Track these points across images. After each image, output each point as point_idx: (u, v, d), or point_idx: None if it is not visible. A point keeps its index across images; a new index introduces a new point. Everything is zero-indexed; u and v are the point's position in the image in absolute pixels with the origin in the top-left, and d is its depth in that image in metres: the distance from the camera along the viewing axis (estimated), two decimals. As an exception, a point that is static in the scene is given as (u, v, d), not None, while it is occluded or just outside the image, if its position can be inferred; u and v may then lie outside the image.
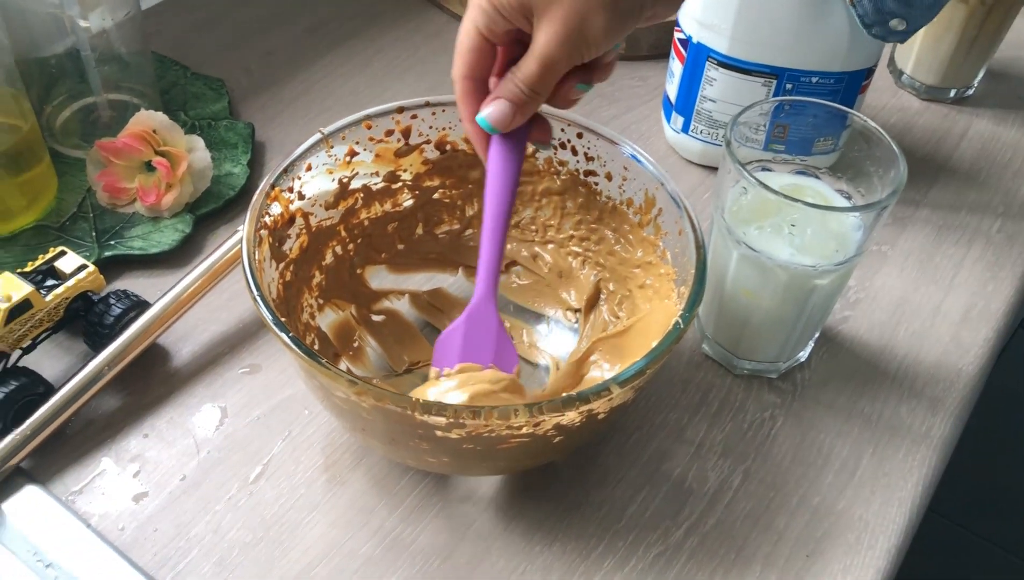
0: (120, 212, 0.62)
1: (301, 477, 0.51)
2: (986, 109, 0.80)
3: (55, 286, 0.52)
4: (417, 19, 0.84)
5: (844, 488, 0.52)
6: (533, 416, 0.40)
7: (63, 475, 0.50)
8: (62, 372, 0.54)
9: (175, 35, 0.79)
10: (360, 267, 0.57)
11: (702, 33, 0.64)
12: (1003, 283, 0.65)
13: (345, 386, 0.41)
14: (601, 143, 0.53)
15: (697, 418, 0.55)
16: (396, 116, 0.54)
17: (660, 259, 0.52)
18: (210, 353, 0.56)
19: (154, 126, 0.62)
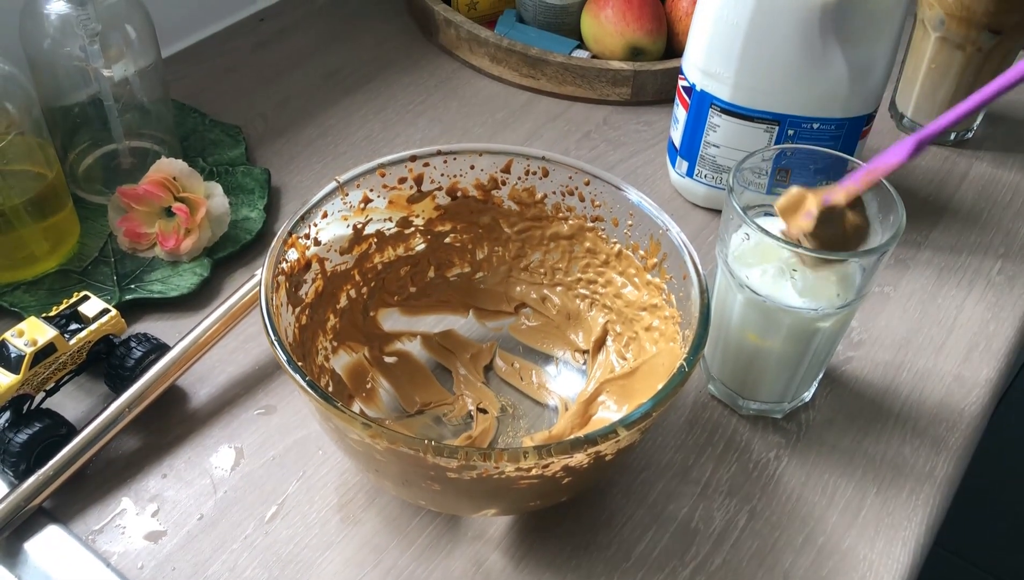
0: (140, 256, 0.64)
1: (315, 516, 0.52)
2: (985, 152, 0.81)
3: (79, 330, 0.54)
4: (429, 65, 0.86)
5: (849, 527, 0.53)
6: (542, 458, 0.42)
7: (84, 515, 0.51)
8: (84, 413, 0.56)
9: (193, 83, 0.81)
10: (373, 310, 0.59)
11: (705, 81, 0.66)
12: (1004, 324, 0.66)
13: (360, 429, 0.42)
14: (608, 189, 0.55)
15: (703, 458, 0.56)
16: (409, 164, 0.56)
17: (665, 302, 0.53)
18: (227, 394, 0.58)
19: (174, 173, 0.64)
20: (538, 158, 0.56)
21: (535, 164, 0.56)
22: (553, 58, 0.81)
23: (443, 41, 0.87)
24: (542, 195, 0.57)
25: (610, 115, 0.82)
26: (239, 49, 0.86)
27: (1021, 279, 0.69)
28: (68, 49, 0.62)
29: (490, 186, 0.57)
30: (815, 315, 0.52)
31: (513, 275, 0.60)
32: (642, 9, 0.81)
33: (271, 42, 0.87)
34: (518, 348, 0.61)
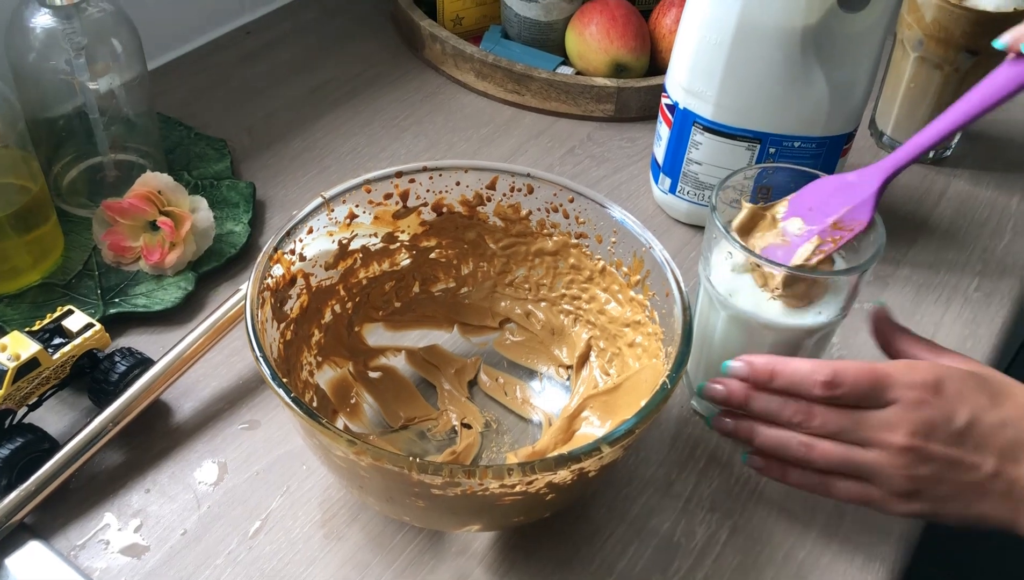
0: (124, 270, 0.64)
1: (299, 532, 0.52)
2: (963, 169, 0.82)
3: (62, 345, 0.53)
4: (415, 80, 0.86)
5: (829, 543, 0.54)
6: (526, 475, 0.42)
7: (66, 530, 0.51)
8: (66, 428, 0.55)
9: (179, 96, 0.82)
10: (358, 325, 0.59)
11: (688, 99, 0.67)
12: (981, 341, 0.67)
13: (344, 445, 0.43)
14: (592, 207, 0.55)
15: (685, 473, 0.57)
16: (395, 180, 0.56)
17: (649, 319, 0.54)
18: (210, 409, 0.58)
19: (159, 187, 0.64)
20: (523, 175, 0.56)
21: (520, 181, 0.56)
22: (538, 74, 0.82)
23: (428, 56, 0.88)
24: (527, 211, 0.57)
25: (594, 131, 0.83)
26: (225, 62, 0.86)
27: (998, 296, 0.70)
28: (54, 63, 0.62)
29: (475, 202, 0.57)
30: (797, 332, 0.52)
31: (498, 290, 0.61)
32: (626, 27, 0.82)
33: (257, 56, 0.87)
34: (502, 363, 0.61)
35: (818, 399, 0.48)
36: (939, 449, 0.47)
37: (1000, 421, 0.46)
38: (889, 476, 0.47)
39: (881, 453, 0.47)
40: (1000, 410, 0.47)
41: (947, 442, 0.46)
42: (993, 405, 0.47)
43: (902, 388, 0.47)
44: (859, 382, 0.47)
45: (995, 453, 0.46)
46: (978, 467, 0.46)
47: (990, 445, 0.46)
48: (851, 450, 0.48)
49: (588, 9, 0.83)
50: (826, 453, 0.48)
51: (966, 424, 0.46)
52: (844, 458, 0.48)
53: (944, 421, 0.46)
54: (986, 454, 0.46)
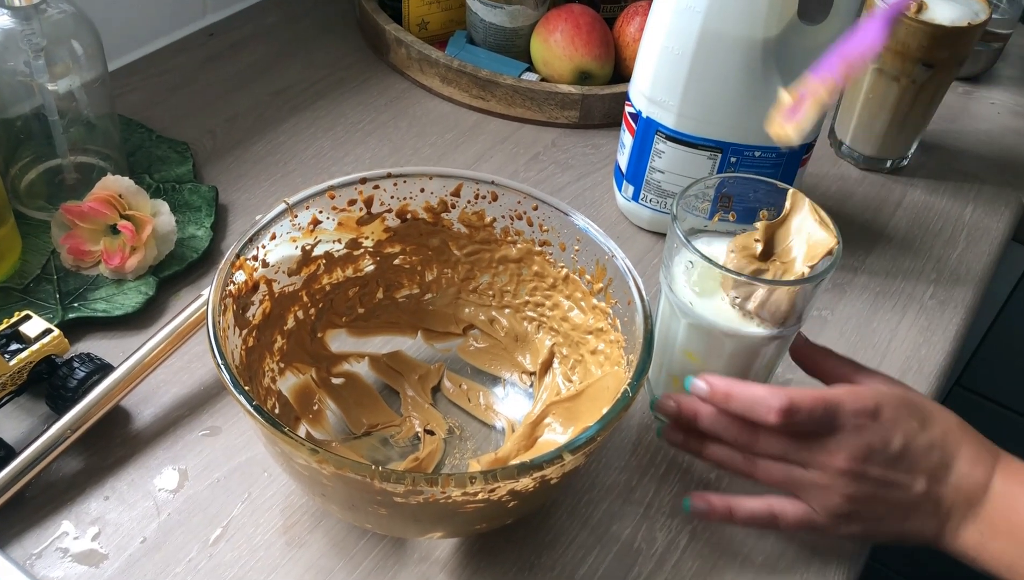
0: (84, 274, 0.63)
1: (260, 539, 0.52)
2: (919, 179, 0.84)
3: (20, 350, 0.53)
4: (379, 84, 0.86)
5: (786, 549, 0.55)
6: (488, 483, 0.42)
7: (22, 538, 0.50)
8: (23, 435, 0.55)
9: (140, 97, 0.81)
10: (321, 331, 0.59)
11: (651, 109, 0.68)
12: (935, 348, 0.68)
13: (306, 454, 0.42)
14: (555, 214, 0.56)
15: (646, 479, 0.57)
16: (359, 186, 0.56)
17: (611, 326, 0.54)
18: (171, 415, 0.57)
19: (120, 191, 0.63)
20: (487, 182, 0.56)
21: (485, 188, 0.56)
22: (503, 80, 0.82)
23: (394, 60, 0.88)
24: (491, 219, 0.58)
25: (558, 137, 0.83)
26: (188, 64, 0.85)
27: (952, 304, 0.72)
28: (12, 64, 0.61)
29: (440, 209, 0.57)
30: (756, 339, 0.53)
31: (462, 297, 0.61)
32: (590, 34, 0.83)
33: (220, 57, 0.87)
34: (466, 369, 0.61)
35: (772, 425, 0.49)
36: (876, 471, 0.49)
37: (929, 444, 0.49)
38: (828, 497, 0.50)
39: (821, 474, 0.50)
40: (928, 433, 0.50)
41: (883, 465, 0.49)
42: (922, 429, 0.50)
43: (848, 415, 0.49)
44: (815, 411, 0.49)
45: (925, 474, 0.49)
46: (910, 487, 0.49)
47: (920, 467, 0.49)
48: (791, 470, 0.50)
49: (553, 16, 0.84)
50: (768, 472, 0.51)
51: (901, 448, 0.49)
52: (785, 477, 0.51)
53: (882, 445, 0.49)
54: (917, 475, 0.49)
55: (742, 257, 0.54)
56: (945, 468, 0.49)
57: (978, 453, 0.50)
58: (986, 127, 0.92)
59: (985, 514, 0.49)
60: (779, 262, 0.54)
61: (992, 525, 0.49)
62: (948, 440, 0.50)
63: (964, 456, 0.50)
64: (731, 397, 0.50)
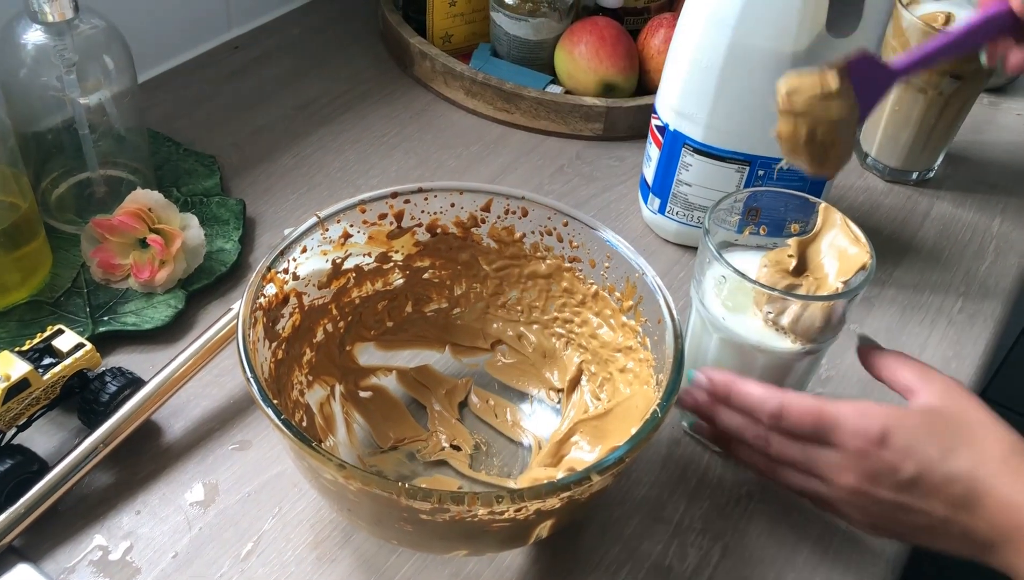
0: (114, 288, 0.64)
1: (291, 555, 0.52)
2: (946, 191, 0.84)
3: (53, 365, 0.53)
4: (404, 97, 0.86)
5: (818, 565, 0.54)
6: (515, 502, 0.42)
7: (55, 553, 0.51)
8: (56, 449, 0.55)
9: (167, 111, 0.81)
10: (350, 344, 0.59)
11: (679, 121, 0.68)
12: (965, 361, 0.68)
13: (333, 469, 0.42)
14: (586, 231, 0.56)
15: (676, 494, 0.57)
16: (390, 200, 0.56)
17: (640, 345, 0.54)
18: (201, 429, 0.58)
19: (150, 205, 0.63)
20: (518, 198, 0.56)
21: (515, 203, 0.56)
22: (527, 93, 0.82)
23: (418, 73, 0.88)
24: (521, 234, 0.57)
25: (583, 150, 0.83)
26: (213, 77, 0.86)
27: (981, 317, 0.71)
28: (44, 79, 0.61)
29: (470, 224, 0.58)
30: (789, 355, 0.53)
31: (490, 312, 0.61)
32: (615, 47, 0.82)
33: (246, 71, 0.87)
34: (493, 385, 0.61)
35: (767, 426, 0.49)
36: (887, 494, 0.47)
37: (949, 476, 0.46)
38: (848, 508, 0.49)
39: (837, 489, 0.49)
40: (952, 462, 0.46)
41: (893, 489, 0.47)
42: (943, 458, 0.46)
43: (846, 435, 0.47)
44: (802, 420, 0.48)
45: (945, 503, 0.46)
46: (928, 514, 0.47)
47: (939, 496, 0.46)
48: (809, 480, 0.50)
49: (577, 29, 0.84)
50: (787, 478, 0.51)
51: (912, 477, 0.46)
52: (804, 487, 0.50)
53: (889, 472, 0.47)
54: (934, 503, 0.46)
55: (775, 272, 0.54)
56: (973, 499, 0.45)
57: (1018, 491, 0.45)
58: (1012, 138, 0.91)
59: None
60: (812, 277, 0.54)
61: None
62: (980, 472, 0.45)
63: (1002, 489, 0.45)
64: (731, 394, 0.50)
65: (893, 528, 0.49)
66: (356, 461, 0.55)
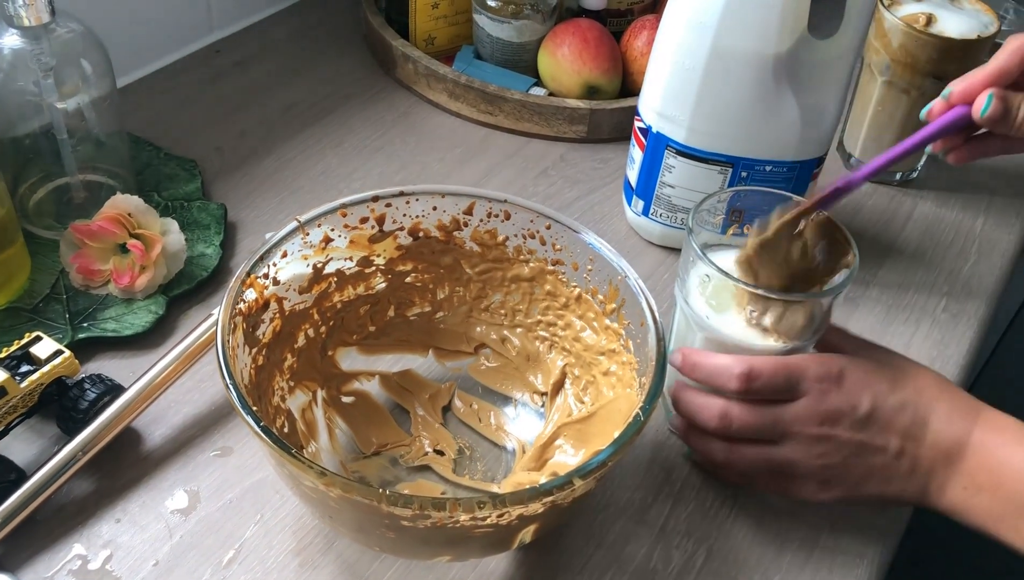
0: (93, 293, 0.63)
1: (273, 562, 0.51)
2: (930, 191, 0.84)
3: (30, 372, 0.52)
4: (387, 100, 0.86)
5: (804, 566, 0.54)
6: (497, 508, 0.42)
7: (34, 562, 0.50)
8: (34, 457, 0.54)
9: (147, 115, 0.81)
10: (331, 349, 0.58)
11: (661, 123, 0.67)
12: (949, 361, 0.68)
13: (314, 476, 0.42)
14: (569, 234, 0.55)
15: (661, 497, 0.57)
16: (371, 204, 0.56)
17: (623, 348, 0.54)
18: (182, 436, 0.57)
19: (129, 210, 0.63)
20: (500, 201, 0.56)
21: (497, 206, 0.56)
22: (511, 95, 0.82)
23: (401, 76, 0.87)
24: (504, 237, 0.57)
25: (567, 152, 0.83)
26: (195, 81, 0.85)
27: (964, 317, 0.72)
28: (21, 84, 0.61)
29: (452, 227, 0.57)
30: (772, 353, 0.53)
31: (473, 316, 0.60)
32: (598, 49, 0.82)
33: (227, 74, 0.87)
34: (477, 389, 0.61)
35: (735, 392, 0.51)
36: (847, 434, 0.51)
37: (900, 403, 0.51)
38: (806, 466, 0.52)
39: (796, 446, 0.51)
40: (899, 394, 0.51)
41: (853, 427, 0.51)
42: (892, 389, 0.51)
43: (811, 380, 0.51)
44: (775, 377, 0.51)
45: (898, 434, 0.51)
46: (884, 449, 0.51)
47: (892, 427, 0.51)
48: (767, 450, 0.52)
49: (560, 31, 0.84)
50: (745, 457, 0.53)
51: (869, 410, 0.51)
52: (761, 458, 0.53)
53: (849, 408, 0.51)
54: (890, 436, 0.51)
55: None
56: (920, 426, 0.50)
57: (955, 409, 0.51)
58: (995, 138, 0.91)
59: (966, 469, 0.50)
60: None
61: (974, 480, 0.50)
62: (922, 398, 0.51)
63: (940, 412, 0.51)
64: (696, 366, 0.52)
65: (847, 478, 0.52)
66: (339, 467, 0.55)
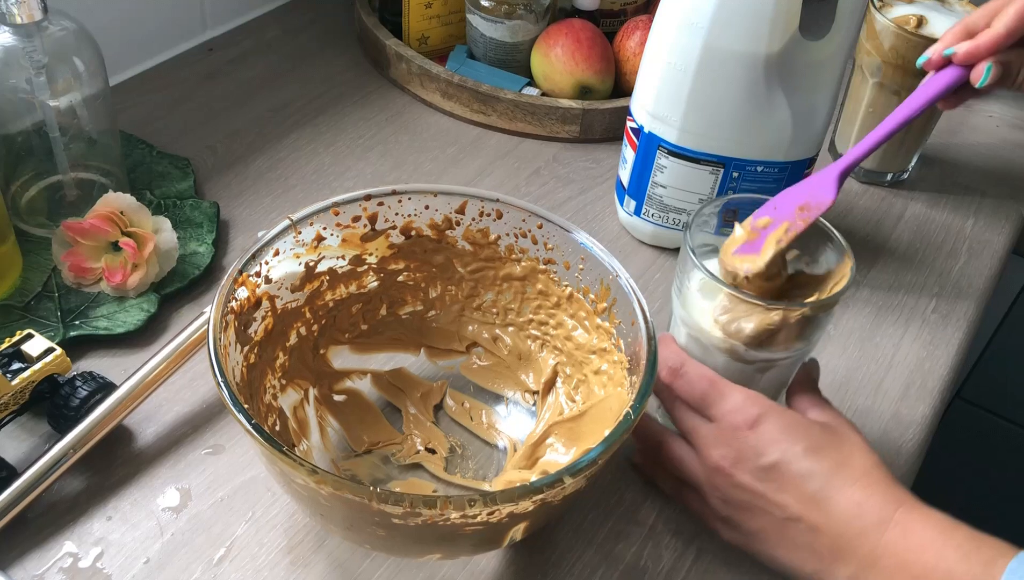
0: (85, 291, 0.63)
1: (264, 559, 0.51)
2: (920, 192, 0.84)
3: (22, 370, 0.52)
4: (380, 100, 0.86)
5: (792, 565, 0.54)
6: (487, 506, 0.42)
7: (24, 560, 0.50)
8: (25, 454, 0.54)
9: (140, 113, 0.81)
10: (323, 347, 0.58)
11: (653, 124, 0.68)
12: (939, 362, 0.68)
13: (305, 474, 0.42)
14: (560, 233, 0.56)
15: (651, 497, 0.57)
16: (363, 203, 0.56)
17: (614, 347, 0.54)
18: (174, 434, 0.57)
19: (122, 208, 0.63)
20: (492, 200, 0.56)
21: (489, 206, 0.56)
22: (504, 95, 0.82)
23: (394, 75, 0.88)
24: (496, 236, 0.57)
25: (559, 152, 0.83)
26: (187, 79, 0.85)
27: (954, 317, 0.72)
28: (13, 81, 0.61)
29: (444, 226, 0.57)
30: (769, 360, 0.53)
31: (465, 314, 0.61)
32: (591, 49, 0.83)
33: (220, 73, 0.87)
34: (469, 387, 0.61)
35: (662, 382, 0.52)
36: (745, 479, 0.49)
37: (807, 471, 0.47)
38: (707, 491, 0.51)
39: (703, 467, 0.51)
40: (812, 461, 0.47)
41: (753, 474, 0.48)
42: (806, 454, 0.48)
43: (725, 409, 0.50)
44: (695, 384, 0.51)
45: (798, 499, 0.47)
46: (781, 508, 0.48)
47: (792, 491, 0.47)
48: (689, 456, 0.52)
49: (554, 31, 0.84)
50: (672, 451, 0.53)
51: (771, 464, 0.48)
52: (679, 459, 0.52)
53: (753, 455, 0.48)
54: (787, 497, 0.48)
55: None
56: (823, 501, 0.46)
57: (871, 497, 0.46)
58: (986, 140, 0.92)
59: (883, 567, 0.45)
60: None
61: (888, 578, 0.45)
62: (837, 476, 0.47)
63: (853, 496, 0.46)
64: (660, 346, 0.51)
65: (745, 524, 0.50)
66: (330, 465, 0.55)
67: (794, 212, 0.54)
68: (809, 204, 0.54)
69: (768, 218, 0.54)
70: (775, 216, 0.54)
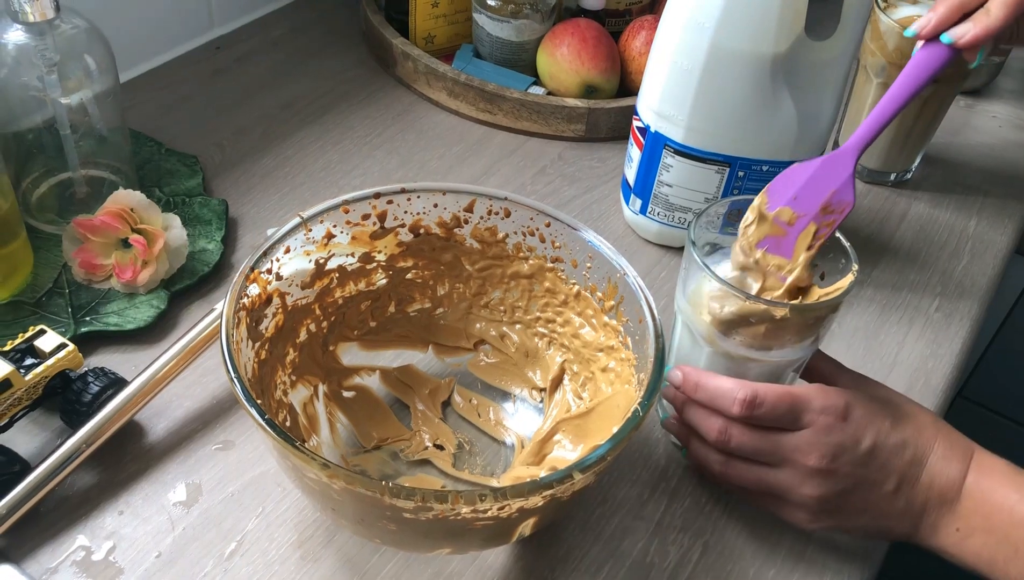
0: (96, 288, 0.63)
1: (275, 554, 0.52)
2: (924, 192, 0.85)
3: (35, 365, 0.53)
4: (387, 97, 0.87)
5: (797, 563, 0.55)
6: (498, 501, 0.42)
7: (37, 553, 0.50)
8: (37, 449, 0.55)
9: (149, 111, 0.81)
10: (333, 344, 0.59)
11: (659, 123, 0.68)
12: (942, 360, 0.69)
13: (317, 468, 0.43)
14: (568, 231, 0.56)
15: (658, 493, 0.58)
16: (373, 201, 0.56)
17: (622, 345, 0.54)
18: (184, 429, 0.58)
19: (132, 205, 0.63)
20: (500, 198, 0.57)
21: (497, 204, 0.57)
22: (509, 94, 0.82)
23: (401, 74, 0.88)
24: (504, 234, 0.58)
25: (565, 151, 0.84)
26: (195, 77, 0.86)
27: (957, 316, 0.72)
28: (25, 79, 0.61)
29: (453, 224, 0.58)
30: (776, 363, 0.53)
31: (473, 312, 0.61)
32: (597, 48, 0.83)
33: (228, 71, 0.87)
34: (476, 384, 0.61)
35: (736, 417, 0.51)
36: (847, 470, 0.51)
37: (900, 442, 0.51)
38: (799, 494, 0.51)
39: (794, 473, 0.51)
40: (899, 432, 0.51)
41: (854, 463, 0.50)
42: (894, 428, 0.51)
43: (815, 413, 0.50)
44: (779, 405, 0.50)
45: (896, 473, 0.51)
46: (881, 485, 0.51)
47: (892, 466, 0.51)
48: (763, 472, 0.52)
49: (559, 31, 0.84)
50: (740, 473, 0.53)
51: (871, 447, 0.50)
52: (757, 479, 0.52)
53: (852, 444, 0.50)
54: (889, 474, 0.51)
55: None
56: (917, 466, 0.51)
57: (951, 450, 0.51)
58: (988, 140, 0.92)
59: (961, 510, 0.50)
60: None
61: (968, 522, 0.50)
62: (921, 438, 0.51)
63: (937, 453, 0.51)
64: (699, 386, 0.52)
65: (840, 511, 0.51)
66: (339, 461, 0.55)
67: (818, 213, 0.54)
68: (832, 206, 0.54)
69: (791, 211, 0.54)
70: (797, 208, 0.54)
